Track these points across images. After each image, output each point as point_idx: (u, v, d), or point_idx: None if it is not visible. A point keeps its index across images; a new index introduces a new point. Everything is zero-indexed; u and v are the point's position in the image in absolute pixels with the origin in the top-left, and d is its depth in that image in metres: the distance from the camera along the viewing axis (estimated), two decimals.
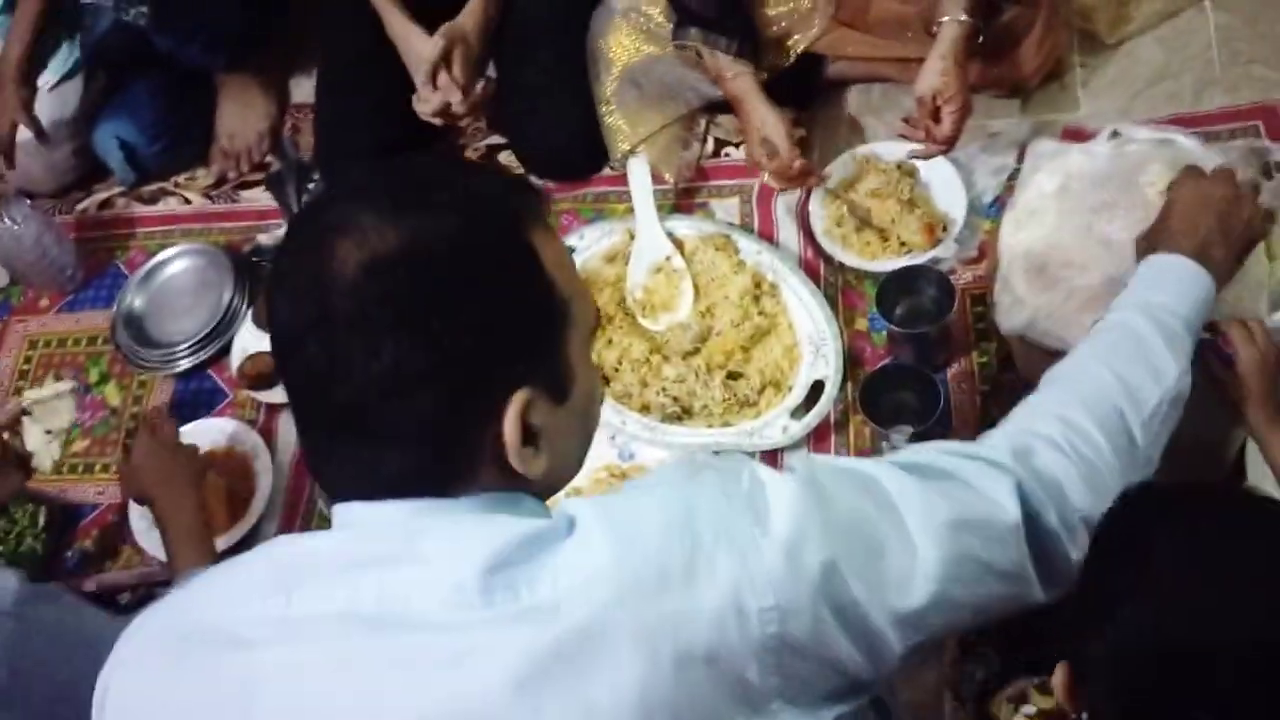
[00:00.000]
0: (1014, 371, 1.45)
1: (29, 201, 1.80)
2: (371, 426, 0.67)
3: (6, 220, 1.75)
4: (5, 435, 1.38)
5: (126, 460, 1.45)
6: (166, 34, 1.73)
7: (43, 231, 1.77)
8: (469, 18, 1.64)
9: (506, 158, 1.82)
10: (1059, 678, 0.75)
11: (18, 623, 0.93)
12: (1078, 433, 0.84)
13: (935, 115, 1.45)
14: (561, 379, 0.72)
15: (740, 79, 1.57)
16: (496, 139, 1.85)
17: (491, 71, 1.77)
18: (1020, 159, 1.55)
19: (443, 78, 1.60)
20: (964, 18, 1.44)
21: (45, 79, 1.88)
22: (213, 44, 1.79)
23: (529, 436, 0.69)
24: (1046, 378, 0.94)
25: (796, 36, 1.66)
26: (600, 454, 1.50)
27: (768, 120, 1.55)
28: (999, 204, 1.56)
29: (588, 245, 1.67)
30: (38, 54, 1.84)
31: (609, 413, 1.50)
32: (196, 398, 1.72)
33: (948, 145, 1.48)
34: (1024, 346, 1.38)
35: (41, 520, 1.59)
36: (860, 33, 1.66)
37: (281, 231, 1.81)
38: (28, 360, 1.82)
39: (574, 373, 0.73)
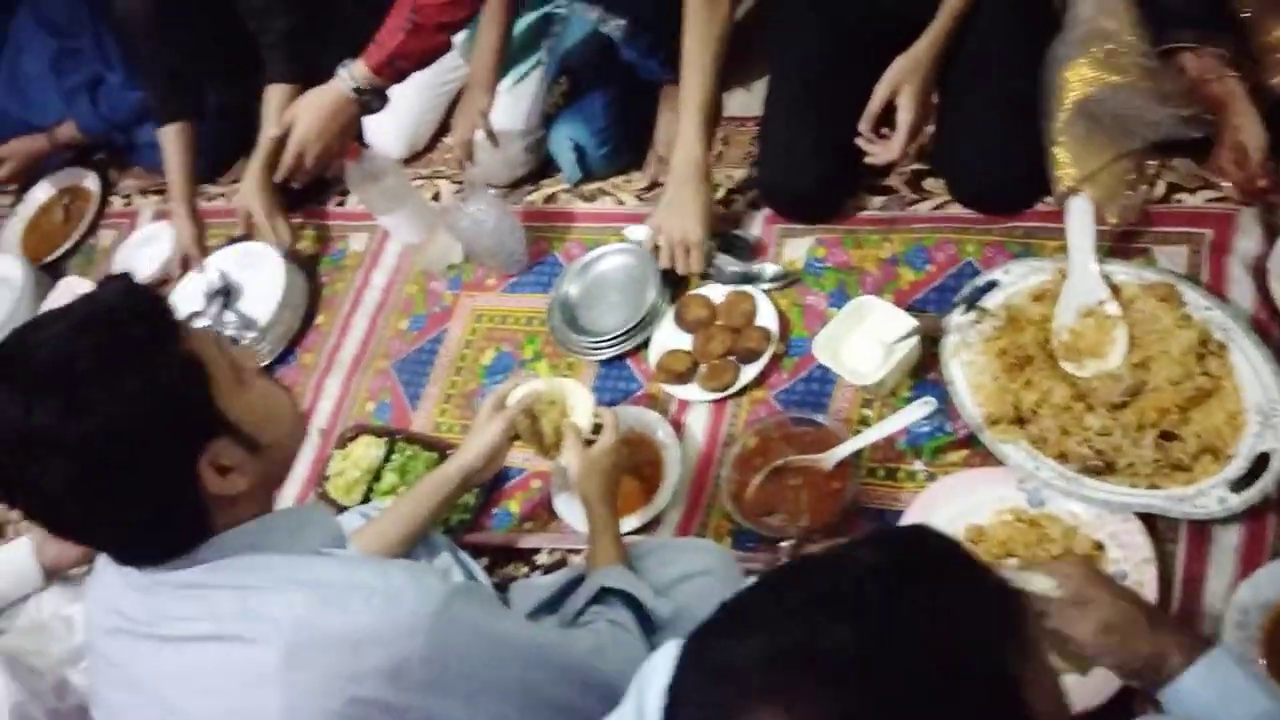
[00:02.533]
0: None
1: (492, 191, 2.01)
2: None
3: (472, 206, 1.97)
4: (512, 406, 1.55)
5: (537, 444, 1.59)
6: (634, 46, 1.88)
7: (500, 219, 1.98)
8: (926, 47, 1.65)
9: (933, 184, 1.83)
10: None
11: (447, 621, 1.01)
12: None
13: None
14: None
15: (1229, 80, 1.50)
16: (923, 164, 1.86)
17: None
18: None
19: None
20: None
21: (504, 83, 2.10)
22: (672, 58, 1.91)
23: None
24: None
25: None
26: (1006, 496, 1.47)
27: (1247, 125, 1.48)
28: None
29: (1013, 281, 1.64)
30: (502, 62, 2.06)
31: (1021, 456, 1.47)
32: (615, 385, 1.85)
33: None
34: None
35: None
36: None
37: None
38: (473, 332, 2.04)
39: None
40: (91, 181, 2.75)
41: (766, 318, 1.77)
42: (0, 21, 2.72)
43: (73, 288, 2.47)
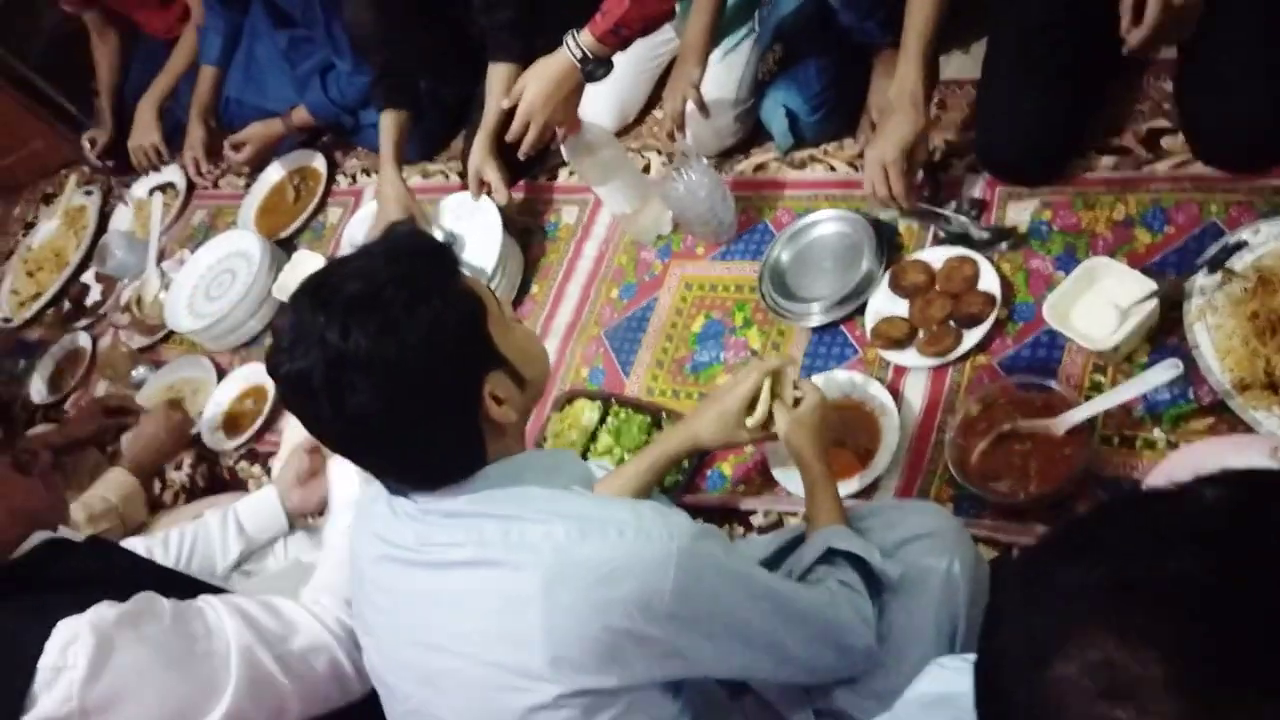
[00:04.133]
0: None
1: (705, 160, 2.03)
2: None
3: (686, 175, 1.99)
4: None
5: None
6: (854, 8, 1.86)
7: (713, 187, 2.00)
8: None
9: (1171, 142, 1.74)
10: None
11: (694, 557, 1.04)
12: None
13: None
14: None
15: None
16: (1159, 122, 1.77)
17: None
18: None
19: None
20: None
21: (715, 54, 2.11)
22: (889, 20, 1.88)
23: None
24: None
25: None
26: (1256, 464, 1.37)
27: None
28: None
29: (1263, 241, 1.54)
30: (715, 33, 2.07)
31: (1274, 423, 1.39)
32: (828, 350, 1.84)
33: None
34: None
35: None
36: None
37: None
38: (683, 299, 2.07)
39: None
40: (319, 163, 2.93)
41: (989, 282, 1.72)
42: (237, 15, 2.93)
43: (306, 260, 2.64)
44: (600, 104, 2.33)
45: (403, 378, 1.01)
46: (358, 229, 2.64)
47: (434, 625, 1.09)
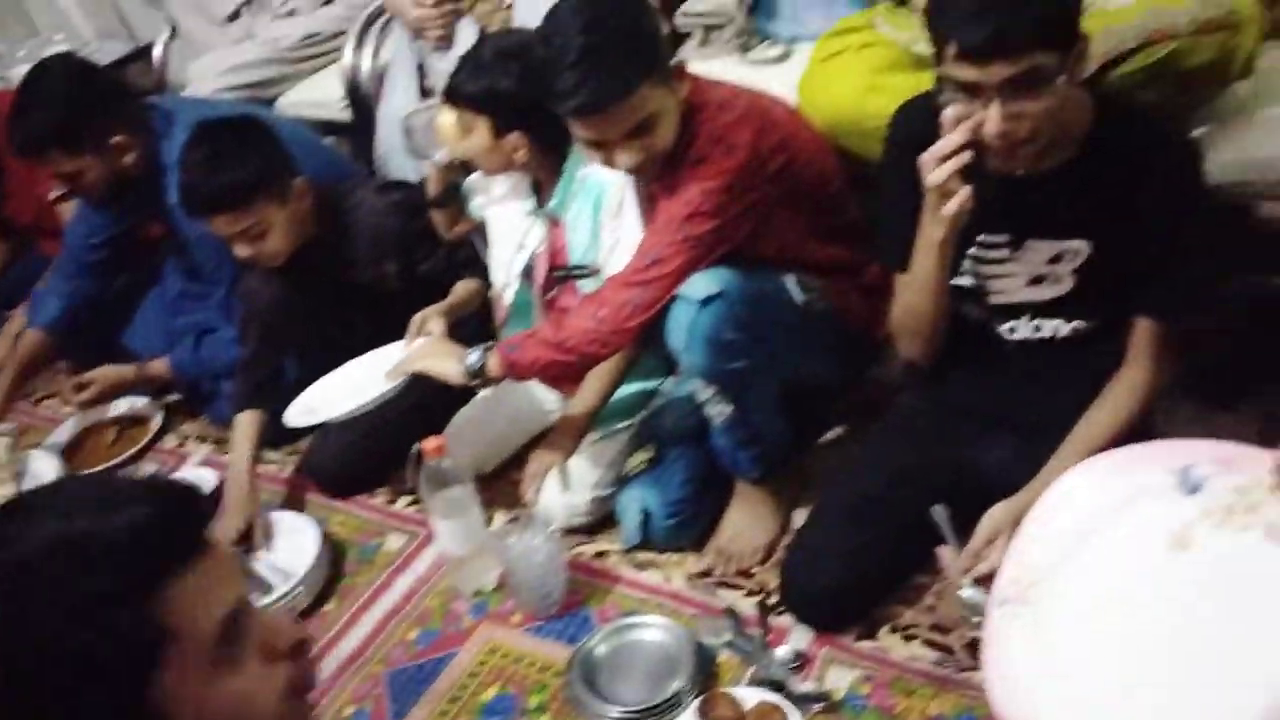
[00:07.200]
0: None
1: (551, 529, 1.99)
2: None
3: (528, 536, 1.94)
4: None
5: None
6: (731, 435, 1.92)
7: (551, 557, 1.94)
8: (1025, 502, 1.62)
9: None
10: None
11: None
12: None
13: None
14: None
15: None
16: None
17: None
18: None
19: None
20: None
21: (590, 436, 2.15)
22: (760, 457, 1.96)
23: None
24: None
25: None
26: None
27: None
28: None
29: None
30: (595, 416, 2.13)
31: None
32: None
33: None
34: None
35: None
36: None
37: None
38: (482, 664, 1.92)
39: None
40: (155, 417, 2.78)
41: None
42: (89, 285, 2.74)
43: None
44: (466, 447, 2.31)
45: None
46: None
47: None
